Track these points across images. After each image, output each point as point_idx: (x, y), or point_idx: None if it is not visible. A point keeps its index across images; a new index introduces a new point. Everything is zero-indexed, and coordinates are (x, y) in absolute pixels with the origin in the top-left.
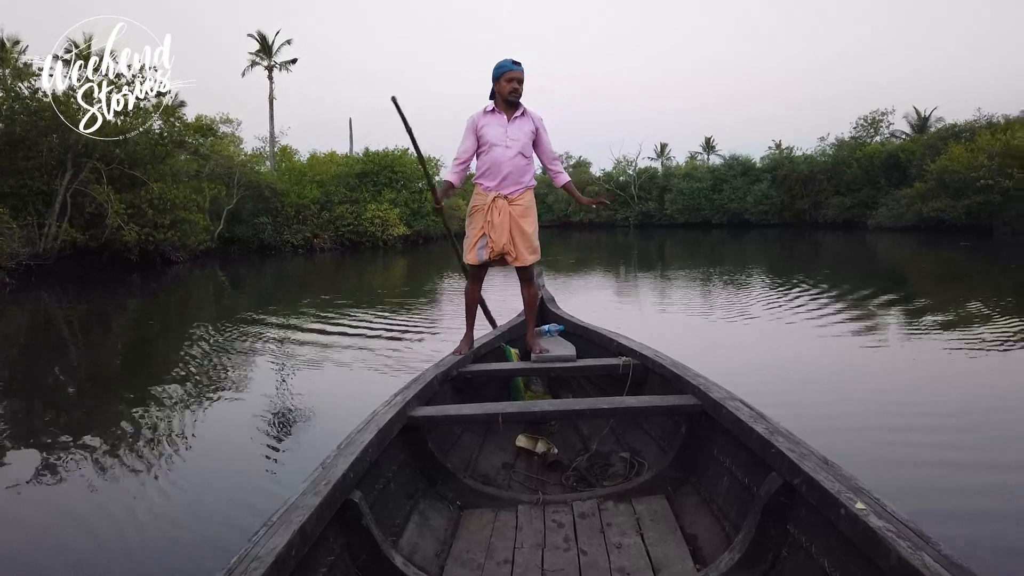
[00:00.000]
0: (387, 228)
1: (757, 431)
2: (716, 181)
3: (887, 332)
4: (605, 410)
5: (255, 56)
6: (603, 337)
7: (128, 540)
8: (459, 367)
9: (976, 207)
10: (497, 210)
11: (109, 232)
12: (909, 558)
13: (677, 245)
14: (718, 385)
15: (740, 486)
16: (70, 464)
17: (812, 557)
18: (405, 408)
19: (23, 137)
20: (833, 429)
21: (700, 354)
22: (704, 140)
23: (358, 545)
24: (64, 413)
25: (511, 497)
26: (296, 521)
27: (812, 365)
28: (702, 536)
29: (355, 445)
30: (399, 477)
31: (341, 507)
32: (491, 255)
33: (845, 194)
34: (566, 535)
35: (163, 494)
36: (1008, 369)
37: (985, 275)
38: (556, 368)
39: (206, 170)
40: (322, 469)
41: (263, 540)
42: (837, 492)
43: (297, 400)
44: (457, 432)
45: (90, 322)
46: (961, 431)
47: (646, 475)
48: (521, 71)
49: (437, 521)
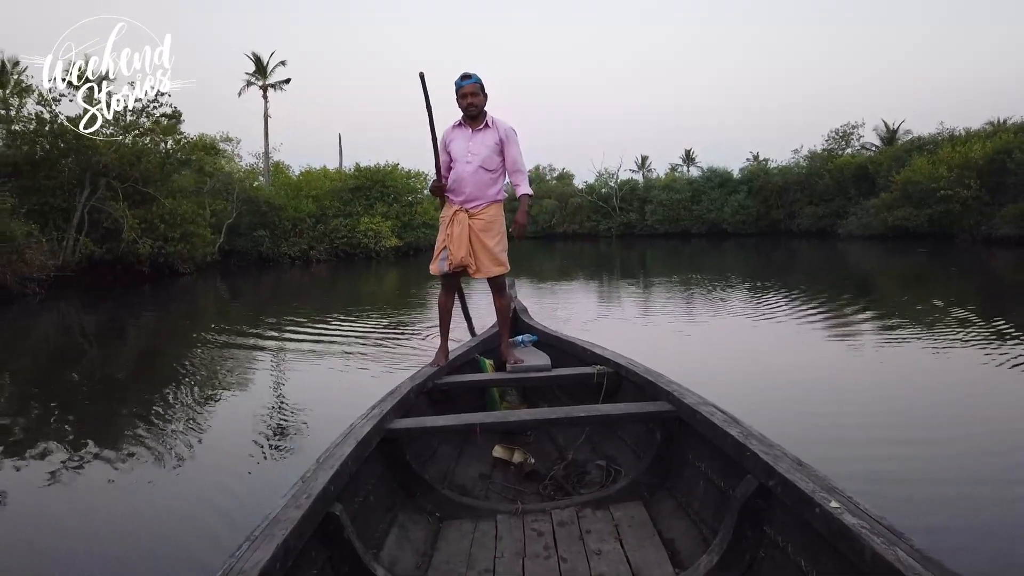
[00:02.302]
0: (380, 240)
1: (732, 435)
2: (695, 192)
3: (857, 336)
4: (581, 418)
5: (250, 76)
6: (576, 346)
7: (108, 549)
8: (435, 379)
9: (937, 216)
10: (457, 223)
11: (125, 245)
12: (884, 553)
13: (658, 254)
14: (691, 391)
15: (716, 490)
16: (57, 468)
17: (788, 556)
18: (383, 421)
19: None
20: (805, 431)
21: (678, 360)
22: (684, 152)
23: (340, 558)
24: (67, 418)
25: (489, 507)
26: (279, 535)
27: (785, 369)
28: (680, 540)
29: (334, 458)
30: (378, 490)
31: (323, 520)
32: (451, 267)
33: (818, 204)
34: (546, 543)
35: (149, 503)
36: (968, 366)
37: (941, 279)
38: (531, 378)
39: (207, 186)
40: (302, 483)
41: (247, 555)
42: (812, 492)
43: (288, 409)
44: (434, 444)
45: (108, 331)
46: (928, 430)
47: (623, 482)
48: (472, 84)
49: (417, 533)
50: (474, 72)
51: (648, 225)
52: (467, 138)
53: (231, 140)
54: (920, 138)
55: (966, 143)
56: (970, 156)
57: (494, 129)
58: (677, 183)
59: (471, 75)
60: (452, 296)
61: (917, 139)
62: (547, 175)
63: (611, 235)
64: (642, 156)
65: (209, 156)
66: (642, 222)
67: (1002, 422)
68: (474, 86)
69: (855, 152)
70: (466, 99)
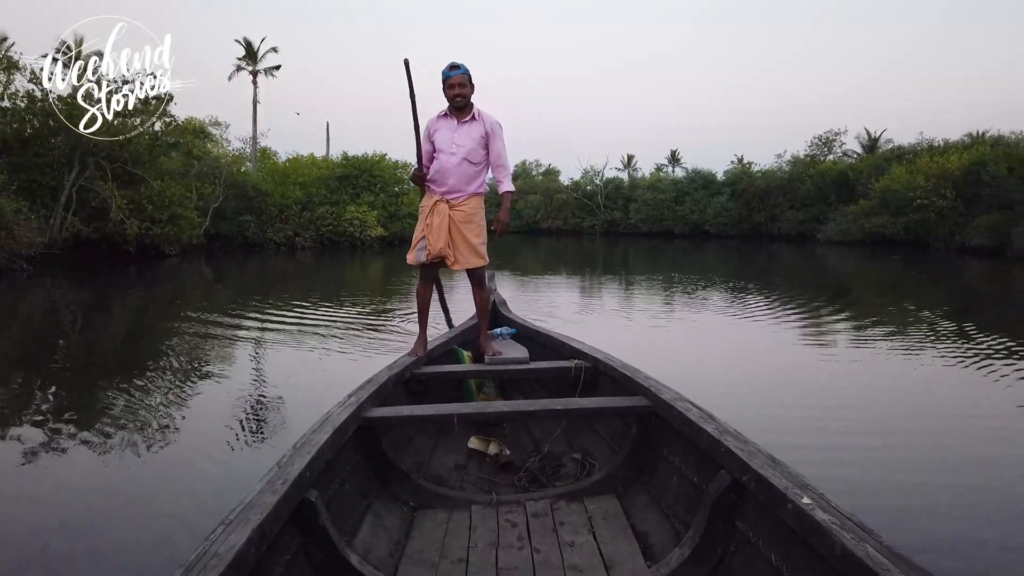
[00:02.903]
0: (365, 229)
1: (707, 431)
2: (679, 193)
3: (831, 337)
4: (557, 411)
5: (240, 61)
6: (555, 340)
7: (82, 527)
8: (413, 369)
9: (914, 224)
10: (437, 213)
11: (112, 225)
12: (854, 549)
13: (641, 253)
14: (668, 387)
15: (689, 484)
16: (34, 445)
17: (759, 551)
18: (360, 409)
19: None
20: (780, 428)
21: (656, 356)
22: (670, 153)
23: (314, 544)
24: (47, 395)
25: (464, 498)
26: (254, 519)
27: (762, 367)
28: (652, 534)
29: (311, 445)
30: (353, 477)
31: (298, 506)
32: (428, 257)
33: (799, 209)
34: (519, 534)
35: (125, 483)
36: (935, 367)
37: (911, 286)
38: (509, 370)
39: (194, 169)
40: (278, 468)
41: (221, 538)
42: (784, 488)
43: (267, 394)
44: (410, 433)
45: (94, 309)
46: (896, 429)
47: (597, 475)
48: (460, 75)
49: (391, 521)
50: (462, 63)
51: (632, 224)
52: (452, 129)
53: (220, 124)
54: (900, 147)
55: (944, 154)
56: (947, 167)
57: (480, 122)
58: (662, 183)
59: (459, 65)
60: (430, 287)
61: (897, 148)
62: (533, 170)
63: (595, 232)
64: (628, 155)
65: (198, 140)
66: (626, 220)
67: (965, 419)
68: (462, 77)
69: (837, 159)
70: (454, 90)
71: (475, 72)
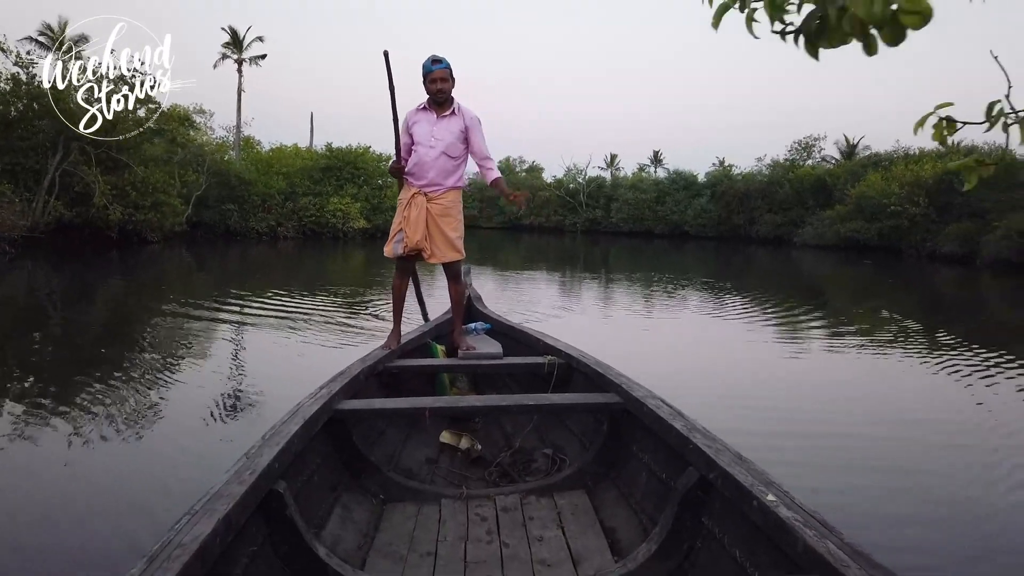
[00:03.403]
0: (348, 221)
1: (676, 428)
2: (660, 194)
3: (802, 337)
4: (530, 406)
5: (226, 49)
6: (529, 336)
7: (45, 514)
8: (385, 362)
9: (887, 230)
10: (415, 206)
11: (96, 211)
12: (815, 546)
13: (621, 252)
14: (639, 384)
15: (658, 481)
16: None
17: (724, 547)
18: (331, 401)
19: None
20: (748, 426)
21: (631, 353)
22: (653, 153)
23: (281, 535)
24: (17, 380)
25: (434, 491)
26: (220, 510)
27: (734, 367)
28: (620, 529)
29: (280, 436)
30: (323, 469)
31: (265, 497)
32: (405, 250)
33: (777, 212)
34: (488, 528)
35: (91, 470)
36: (902, 369)
37: (880, 290)
38: (482, 365)
39: (178, 156)
40: (246, 459)
41: (186, 528)
42: (750, 485)
43: (240, 384)
44: (381, 427)
45: (75, 293)
46: (860, 428)
47: (568, 470)
48: (443, 69)
49: (360, 514)
50: (444, 57)
51: (613, 222)
52: (432, 123)
53: (204, 112)
54: (877, 154)
55: (918, 162)
56: (921, 175)
57: (460, 116)
58: (643, 183)
59: (441, 59)
60: (406, 280)
61: (874, 155)
62: (517, 167)
63: (576, 230)
64: (611, 154)
65: (182, 127)
66: (607, 219)
67: (927, 419)
68: (444, 71)
69: (815, 164)
70: (436, 84)
71: (461, 65)
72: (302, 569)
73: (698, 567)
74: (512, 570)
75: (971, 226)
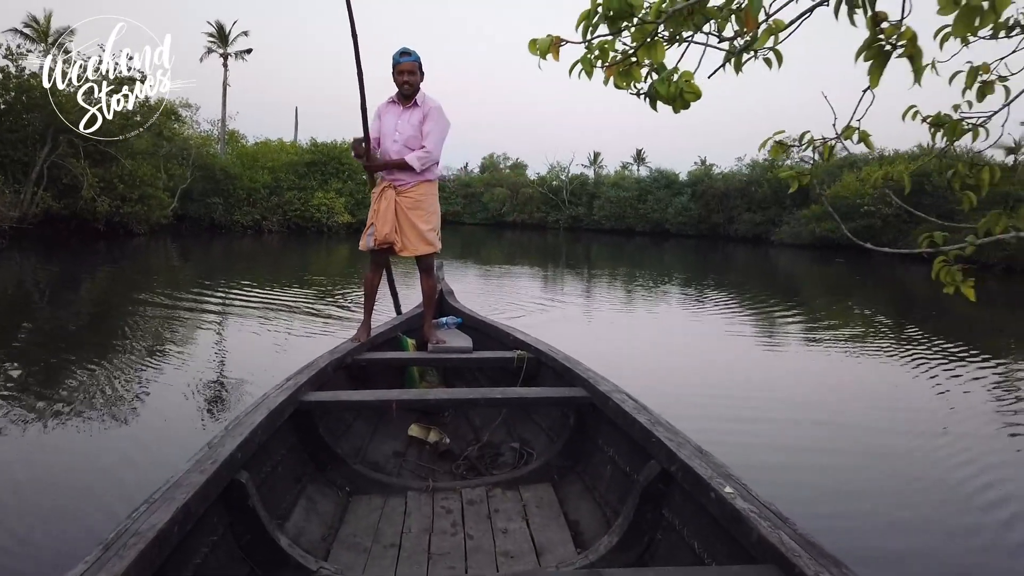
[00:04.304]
0: (332, 215)
1: (640, 422)
2: (641, 192)
3: (773, 330)
4: (498, 400)
5: (212, 43)
6: (499, 331)
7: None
8: (354, 355)
9: (860, 230)
10: (384, 199)
11: (83, 203)
12: (768, 536)
13: (603, 250)
14: (606, 379)
15: (622, 474)
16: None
17: (684, 539)
18: (297, 392)
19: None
20: (710, 420)
21: (608, 349)
22: (636, 152)
23: (243, 525)
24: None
25: (401, 484)
26: (179, 499)
27: (704, 362)
28: (584, 521)
29: (244, 426)
30: (288, 461)
31: (227, 487)
32: (376, 243)
33: (755, 211)
34: (454, 520)
35: (54, 458)
36: (864, 366)
37: (848, 286)
38: (452, 359)
39: (163, 150)
40: (208, 448)
41: (144, 516)
42: (709, 477)
43: (216, 377)
44: (349, 419)
45: (64, 283)
46: (823, 420)
47: (534, 464)
48: (411, 61)
49: (325, 506)
50: (414, 50)
51: (595, 220)
52: (397, 115)
53: (190, 106)
54: (852, 155)
55: (892, 163)
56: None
57: (421, 108)
58: (625, 181)
59: (411, 52)
60: (379, 273)
61: (850, 156)
62: (501, 163)
63: (559, 227)
64: (594, 152)
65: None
66: (590, 216)
67: (888, 409)
68: (412, 64)
69: (794, 164)
70: (403, 76)
71: (444, 63)
72: (264, 559)
73: (658, 558)
74: (475, 562)
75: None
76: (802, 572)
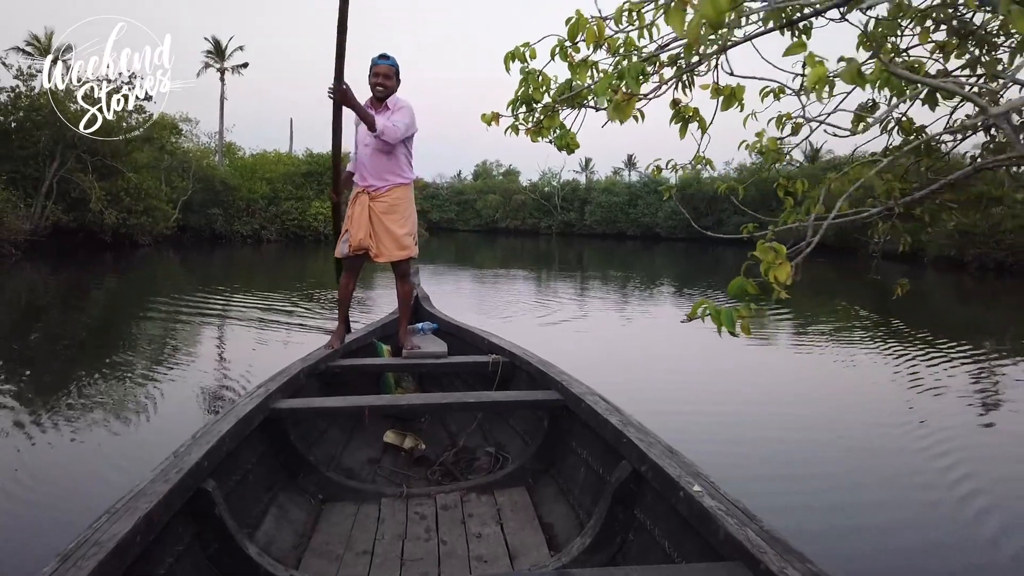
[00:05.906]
0: (329, 224)
1: (611, 423)
2: (632, 197)
3: (752, 338)
4: (473, 404)
5: (208, 58)
6: (475, 336)
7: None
8: (327, 361)
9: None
10: (358, 205)
11: (92, 215)
12: (735, 533)
13: (595, 254)
14: (579, 381)
15: (595, 476)
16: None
17: (655, 538)
18: (267, 400)
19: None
20: (681, 420)
21: (595, 350)
22: (627, 157)
23: (209, 535)
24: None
25: (374, 491)
26: (142, 508)
27: (681, 364)
28: (558, 524)
29: (211, 435)
30: (258, 469)
31: (193, 496)
32: (351, 249)
33: (743, 214)
34: (427, 526)
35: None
36: (833, 364)
37: (832, 286)
38: (427, 364)
39: (165, 163)
40: (174, 457)
41: (105, 526)
42: (678, 477)
43: (200, 381)
44: (323, 426)
45: (75, 293)
46: (793, 418)
47: (509, 468)
48: (387, 65)
49: (296, 514)
50: (392, 55)
51: (587, 225)
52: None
53: (190, 120)
54: (837, 158)
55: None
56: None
57: (391, 110)
58: (616, 186)
59: (389, 56)
60: (353, 280)
61: (834, 159)
62: (494, 170)
63: (551, 233)
64: (586, 158)
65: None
66: (581, 222)
67: (856, 408)
68: (388, 68)
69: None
70: (378, 78)
71: (435, 70)
72: (232, 569)
73: (630, 558)
74: (449, 567)
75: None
76: (767, 568)
